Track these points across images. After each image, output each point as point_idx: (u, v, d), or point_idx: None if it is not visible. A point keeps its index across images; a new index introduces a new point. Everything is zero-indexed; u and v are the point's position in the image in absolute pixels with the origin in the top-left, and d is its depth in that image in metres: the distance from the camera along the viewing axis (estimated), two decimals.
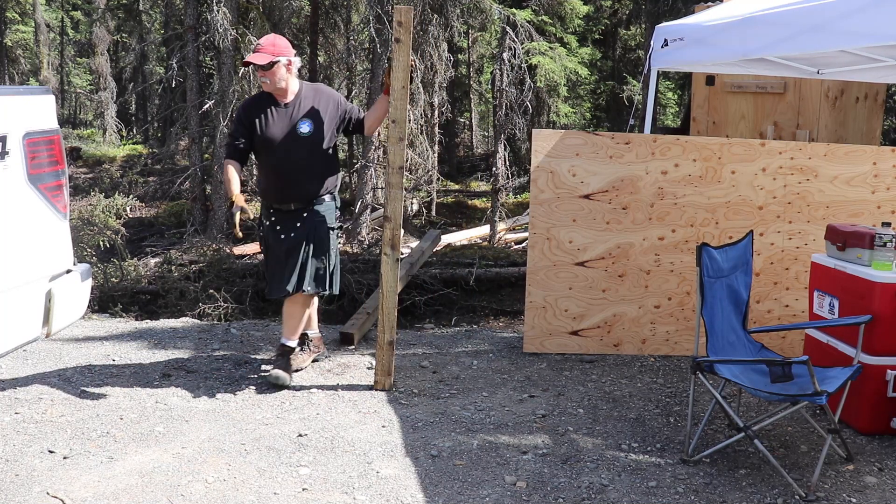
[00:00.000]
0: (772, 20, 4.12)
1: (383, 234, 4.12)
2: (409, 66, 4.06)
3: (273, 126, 4.12)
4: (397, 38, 4.03)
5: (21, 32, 22.08)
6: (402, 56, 4.02)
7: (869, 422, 3.72)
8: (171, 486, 3.12)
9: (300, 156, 4.14)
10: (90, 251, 7.66)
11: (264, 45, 4.09)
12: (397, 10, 4.00)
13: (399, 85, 4.04)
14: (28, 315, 3.18)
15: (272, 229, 4.22)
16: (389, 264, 4.10)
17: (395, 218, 4.09)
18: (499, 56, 11.24)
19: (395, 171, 4.08)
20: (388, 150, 4.13)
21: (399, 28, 4.01)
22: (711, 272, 3.46)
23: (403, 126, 4.07)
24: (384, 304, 4.12)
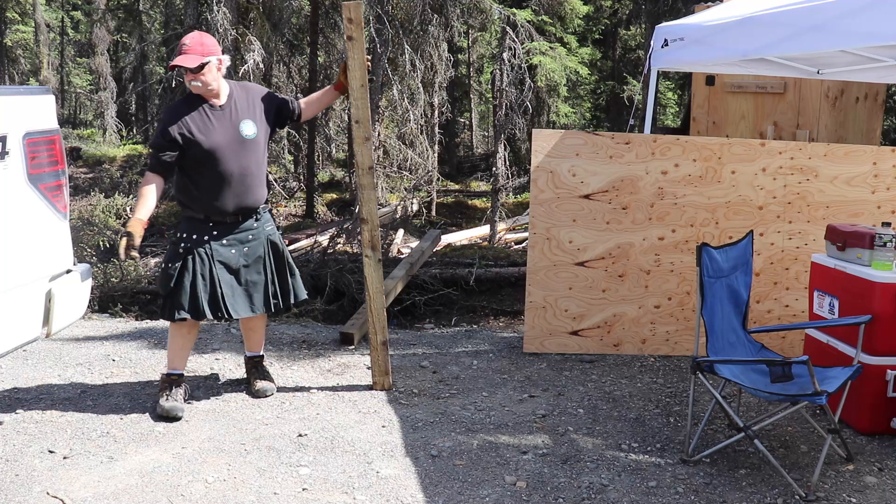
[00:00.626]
0: (772, 20, 4.12)
1: (362, 236, 4.06)
2: (365, 63, 3.95)
3: (215, 132, 3.72)
4: (349, 36, 3.92)
5: (21, 32, 22.08)
6: (356, 54, 3.92)
7: (869, 422, 3.72)
8: (171, 486, 3.12)
9: (248, 161, 3.81)
10: (90, 251, 7.67)
11: (191, 45, 3.69)
12: (346, 6, 3.88)
13: (358, 84, 3.96)
14: (28, 315, 3.18)
15: (212, 246, 3.79)
16: (372, 265, 4.08)
17: (372, 219, 4.04)
18: (499, 56, 11.24)
19: (365, 171, 4.00)
20: (355, 151, 4.02)
21: (350, 25, 3.90)
22: (711, 272, 3.46)
23: (368, 125, 4.01)
24: (372, 306, 4.11)
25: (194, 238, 3.78)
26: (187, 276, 3.73)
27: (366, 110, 3.99)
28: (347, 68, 3.96)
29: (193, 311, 3.75)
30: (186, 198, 3.81)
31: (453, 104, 18.38)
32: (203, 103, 3.78)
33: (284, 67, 12.88)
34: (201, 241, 3.78)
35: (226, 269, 3.82)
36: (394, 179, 12.54)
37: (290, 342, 5.11)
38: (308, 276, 7.42)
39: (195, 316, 3.76)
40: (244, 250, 3.88)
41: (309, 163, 13.01)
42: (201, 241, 3.78)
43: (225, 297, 3.80)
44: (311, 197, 13.22)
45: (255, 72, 10.15)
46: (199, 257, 3.76)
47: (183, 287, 3.73)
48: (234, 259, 3.85)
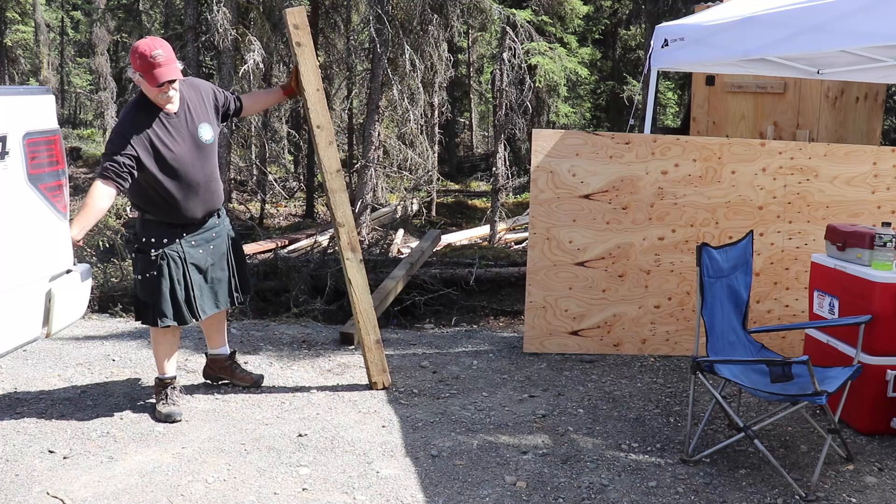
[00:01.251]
0: (772, 20, 4.13)
1: (340, 239, 4.04)
2: (317, 67, 3.93)
3: (177, 144, 3.61)
4: (298, 42, 3.86)
5: (21, 32, 22.07)
6: (307, 59, 3.88)
7: (869, 422, 3.72)
8: (171, 486, 3.12)
9: (210, 165, 3.76)
10: (90, 251, 7.66)
11: (167, 55, 3.51)
12: (289, 12, 3.81)
13: (313, 88, 3.93)
14: (28, 315, 3.18)
15: (183, 249, 3.73)
16: (355, 267, 4.07)
17: (347, 221, 4.03)
18: (499, 56, 11.24)
19: (333, 175, 3.99)
20: (320, 155, 3.96)
21: (297, 31, 3.85)
22: (711, 272, 3.46)
23: (330, 129, 3.99)
24: (359, 306, 4.10)
25: (164, 242, 3.69)
26: (165, 282, 3.68)
27: (326, 114, 3.95)
28: (300, 74, 3.90)
29: (177, 317, 3.72)
30: (151, 207, 3.69)
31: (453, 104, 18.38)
32: (158, 111, 3.61)
33: (284, 67, 12.88)
34: (172, 246, 3.71)
35: (196, 270, 3.79)
36: (394, 179, 12.55)
37: (290, 342, 5.11)
38: (308, 276, 7.43)
39: (179, 321, 3.73)
40: (210, 248, 3.85)
41: (309, 163, 13.01)
42: (172, 246, 3.71)
43: (195, 299, 3.76)
44: (311, 197, 13.23)
45: (255, 72, 10.15)
46: (174, 262, 3.70)
47: (163, 294, 3.68)
48: (202, 259, 3.81)
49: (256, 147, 13.02)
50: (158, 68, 3.47)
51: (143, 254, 3.70)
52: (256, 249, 9.41)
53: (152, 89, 3.52)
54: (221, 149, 10.23)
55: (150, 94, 3.56)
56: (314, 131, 3.96)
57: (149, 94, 3.56)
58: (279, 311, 6.65)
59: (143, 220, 3.75)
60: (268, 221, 12.70)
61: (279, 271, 7.72)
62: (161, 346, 3.87)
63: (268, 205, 13.15)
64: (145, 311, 3.76)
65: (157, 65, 3.47)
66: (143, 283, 3.69)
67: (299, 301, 6.79)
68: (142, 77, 3.51)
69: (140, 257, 3.70)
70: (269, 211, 13.19)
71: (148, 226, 3.72)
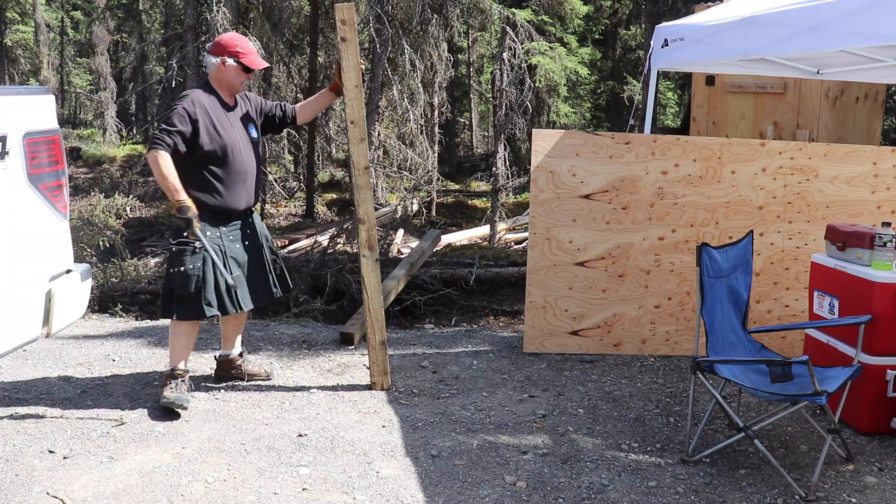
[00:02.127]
0: (771, 20, 4.13)
1: (358, 236, 4.07)
2: (359, 64, 4.00)
3: (231, 130, 3.87)
4: (343, 38, 3.95)
5: (21, 32, 22.07)
6: (350, 55, 3.96)
7: (869, 422, 3.72)
8: (171, 486, 3.12)
9: (254, 161, 3.99)
10: (90, 251, 7.66)
11: (251, 45, 3.95)
12: (339, 7, 3.91)
13: (352, 84, 3.99)
14: (28, 315, 3.18)
15: (224, 242, 3.87)
16: (370, 265, 4.08)
17: (368, 219, 4.06)
18: (499, 56, 11.24)
19: (361, 172, 4.02)
20: (350, 151, 4.03)
21: (343, 27, 3.94)
22: (711, 272, 3.46)
23: (363, 126, 4.03)
24: (370, 306, 4.11)
25: (207, 235, 3.80)
26: (210, 273, 3.80)
27: (361, 111, 4.00)
28: (342, 69, 4.00)
29: (220, 307, 3.86)
30: (203, 193, 3.81)
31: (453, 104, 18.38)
32: (219, 99, 3.90)
33: (284, 67, 12.88)
34: (214, 238, 3.84)
35: (236, 263, 3.92)
36: (394, 179, 12.55)
37: (290, 342, 5.11)
38: (308, 276, 7.42)
39: (222, 311, 3.88)
40: (245, 244, 3.99)
41: (309, 163, 13.01)
42: (214, 238, 3.84)
43: (237, 291, 3.89)
44: (311, 197, 13.22)
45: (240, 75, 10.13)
46: (217, 254, 3.82)
47: (208, 284, 3.81)
48: (240, 254, 3.95)
49: None
50: (254, 55, 3.92)
51: (184, 245, 3.78)
52: None
53: (241, 74, 3.90)
54: None
55: (235, 79, 3.90)
56: (348, 126, 4.03)
57: (233, 79, 3.90)
58: (279, 311, 6.65)
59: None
60: (268, 221, 12.70)
61: None
62: (179, 339, 3.95)
63: (268, 205, 13.15)
64: (182, 305, 3.83)
65: (252, 52, 3.92)
66: (183, 276, 3.76)
67: (299, 301, 6.79)
68: (236, 62, 3.87)
69: (180, 250, 3.78)
70: (269, 211, 13.19)
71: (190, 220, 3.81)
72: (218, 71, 3.90)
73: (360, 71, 4.02)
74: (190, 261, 3.74)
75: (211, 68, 3.93)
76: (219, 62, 3.88)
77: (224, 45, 3.90)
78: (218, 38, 3.97)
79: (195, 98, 3.81)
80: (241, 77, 3.92)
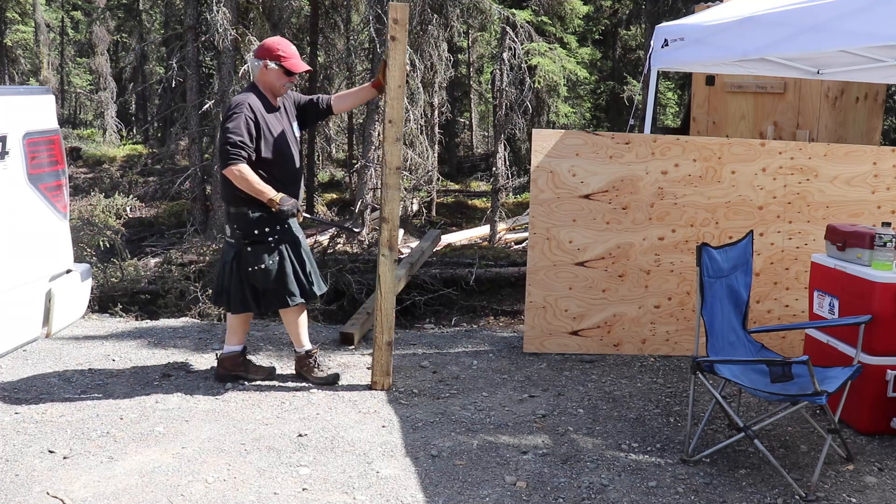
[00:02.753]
0: (771, 20, 4.13)
1: (380, 234, 4.10)
2: (405, 64, 4.04)
3: (282, 132, 4.06)
4: (393, 36, 3.99)
5: (21, 32, 22.06)
6: (398, 54, 4.00)
7: (869, 422, 3.72)
8: (171, 486, 3.12)
9: (299, 157, 4.19)
10: (90, 251, 7.66)
11: (293, 48, 4.07)
12: (393, 6, 3.96)
13: (395, 84, 4.02)
14: (28, 315, 3.18)
15: (290, 231, 4.11)
16: (387, 265, 4.09)
17: (393, 219, 4.07)
18: (499, 56, 11.24)
19: (393, 171, 4.05)
20: (385, 150, 4.06)
21: (395, 25, 3.97)
22: (711, 272, 3.46)
23: (400, 126, 4.05)
24: (382, 305, 4.11)
25: (279, 229, 4.03)
26: (288, 264, 4.05)
27: (400, 110, 4.05)
28: (387, 67, 4.04)
29: (304, 294, 4.12)
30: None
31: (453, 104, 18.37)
32: (267, 102, 4.04)
33: None
34: (286, 231, 4.07)
35: (304, 253, 4.17)
36: None
37: (290, 342, 5.10)
38: None
39: (306, 297, 4.15)
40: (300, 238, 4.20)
41: (309, 163, 13.00)
42: (286, 231, 4.07)
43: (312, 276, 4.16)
44: (311, 197, 13.21)
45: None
46: (292, 245, 4.07)
47: (289, 275, 4.05)
48: (304, 243, 4.21)
49: None
50: (295, 59, 4.03)
51: (260, 244, 4.00)
52: None
53: (283, 77, 4.02)
54: None
55: (278, 82, 4.03)
56: (385, 125, 4.07)
57: (275, 81, 4.03)
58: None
59: (250, 215, 3.99)
60: None
61: None
62: (294, 325, 4.24)
63: None
64: (267, 298, 4.10)
65: (294, 55, 4.03)
66: (265, 272, 4.01)
67: None
68: (278, 65, 3.99)
69: (258, 248, 4.00)
70: None
71: (258, 219, 3.99)
72: (261, 74, 4.03)
73: (405, 72, 4.07)
74: (269, 258, 4.00)
75: (255, 71, 4.06)
76: (261, 65, 4.01)
77: (267, 48, 4.03)
78: (262, 42, 4.11)
79: (250, 104, 3.94)
80: (283, 80, 4.03)
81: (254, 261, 4.00)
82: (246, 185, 3.86)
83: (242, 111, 3.88)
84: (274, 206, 3.90)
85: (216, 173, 10.34)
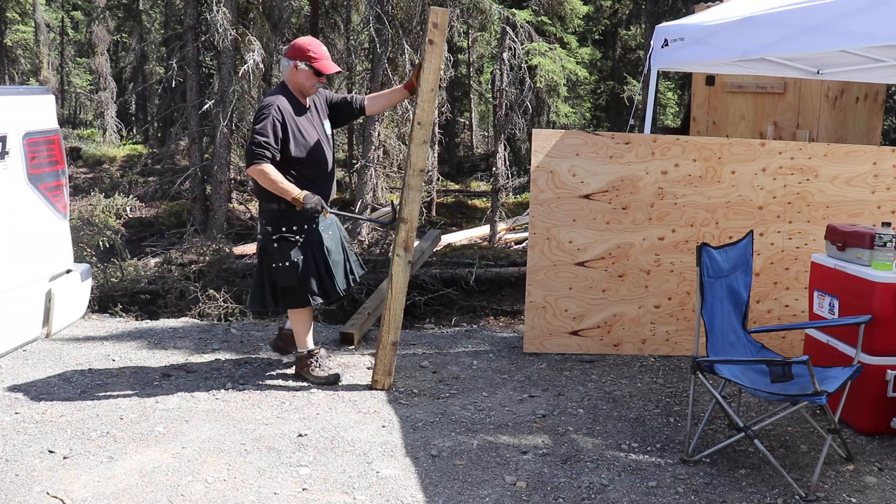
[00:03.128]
0: (771, 20, 4.13)
1: (397, 234, 4.11)
2: (440, 69, 4.08)
3: (313, 131, 4.10)
4: (431, 40, 4.04)
5: (21, 32, 22.06)
6: (434, 58, 4.04)
7: (869, 422, 3.72)
8: (171, 486, 3.12)
9: (331, 156, 4.22)
10: (90, 251, 7.66)
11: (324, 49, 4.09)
12: (434, 11, 4.02)
13: (428, 87, 4.06)
14: (28, 315, 3.18)
15: (317, 231, 4.14)
16: (401, 265, 4.11)
17: (411, 220, 4.10)
18: (499, 56, 11.23)
19: (416, 173, 4.07)
20: (410, 151, 4.07)
21: (434, 30, 4.03)
22: (711, 272, 3.46)
23: (429, 128, 4.09)
24: (392, 305, 4.12)
25: (305, 229, 4.08)
26: (311, 264, 4.09)
27: (431, 114, 4.08)
28: (422, 70, 4.05)
29: (323, 295, 4.15)
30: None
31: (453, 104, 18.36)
32: (297, 103, 4.08)
33: None
34: (311, 231, 4.10)
35: (330, 252, 4.18)
36: (394, 179, 12.53)
37: None
38: None
39: (325, 298, 4.17)
40: (329, 234, 4.22)
41: None
42: (311, 231, 4.10)
43: (334, 277, 4.17)
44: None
45: (254, 72, 10.14)
46: (315, 245, 4.10)
47: (311, 274, 4.09)
48: (331, 242, 4.21)
49: None
50: (326, 60, 4.06)
51: (286, 241, 4.07)
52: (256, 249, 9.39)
53: (313, 77, 4.06)
54: (221, 149, 10.23)
55: (307, 82, 4.06)
56: (413, 126, 4.08)
57: (305, 82, 4.06)
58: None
59: (279, 211, 4.06)
60: None
61: None
62: (302, 324, 4.27)
63: None
64: (287, 296, 4.14)
65: (324, 57, 4.06)
66: (289, 270, 4.05)
67: None
68: (308, 66, 4.03)
69: (283, 245, 4.06)
70: None
71: (286, 216, 4.05)
72: (291, 73, 4.06)
73: (439, 76, 4.09)
74: (294, 255, 4.04)
75: (285, 71, 4.09)
76: (291, 65, 4.04)
77: (298, 48, 4.05)
78: (294, 41, 4.12)
79: (280, 105, 3.98)
80: (313, 80, 4.07)
81: (279, 257, 4.06)
82: (270, 183, 3.92)
83: (270, 112, 3.94)
84: (298, 204, 3.94)
85: (216, 173, 10.37)
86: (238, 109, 10.53)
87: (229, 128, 10.26)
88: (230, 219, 11.03)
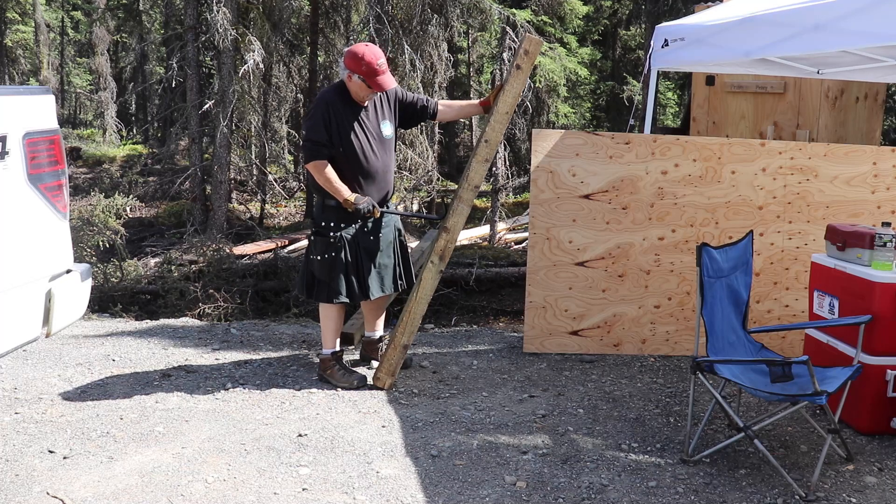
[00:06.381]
0: (772, 20, 4.13)
1: (437, 242, 4.14)
2: (520, 94, 4.14)
3: (364, 134, 4.08)
4: (518, 65, 4.13)
5: (21, 32, 22.06)
6: (517, 83, 4.11)
7: (869, 422, 3.72)
8: (171, 486, 3.12)
9: (388, 158, 4.19)
10: (90, 251, 7.66)
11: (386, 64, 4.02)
12: (529, 39, 4.12)
13: (504, 109, 4.13)
14: (28, 315, 3.17)
15: (358, 233, 4.14)
16: (433, 273, 4.15)
17: (454, 231, 4.14)
18: (499, 56, 11.23)
19: (472, 188, 4.13)
20: (471, 167, 4.13)
21: (524, 56, 4.12)
22: (711, 272, 3.46)
23: (494, 149, 4.17)
24: (413, 309, 4.16)
25: (342, 227, 4.10)
26: (341, 263, 4.10)
27: (500, 134, 4.16)
28: (502, 91, 4.11)
29: (349, 295, 4.14)
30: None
31: None
32: (352, 103, 4.07)
33: (284, 67, 12.88)
34: (348, 230, 4.11)
35: (367, 254, 4.17)
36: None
37: (290, 342, 5.10)
38: None
39: (351, 299, 4.15)
40: (379, 236, 4.21)
41: None
42: (348, 230, 4.11)
43: (366, 280, 4.16)
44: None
45: (254, 72, 10.14)
46: (349, 244, 4.10)
47: (338, 273, 4.10)
48: (373, 245, 4.19)
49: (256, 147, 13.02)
50: (383, 75, 3.98)
51: (322, 236, 4.12)
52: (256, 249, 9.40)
53: (366, 90, 4.01)
54: (221, 149, 10.23)
55: (361, 92, 4.03)
56: (480, 143, 4.14)
57: (359, 91, 4.03)
58: (279, 311, 6.65)
59: (323, 205, 4.14)
60: (268, 221, 12.70)
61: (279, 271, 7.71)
62: (330, 322, 4.28)
63: (268, 205, 13.15)
64: (318, 288, 4.18)
65: (382, 72, 3.97)
66: (322, 263, 4.11)
67: (299, 301, 6.79)
68: (362, 79, 3.97)
69: (319, 239, 4.13)
70: (269, 211, 13.19)
71: (328, 211, 4.11)
72: (347, 78, 4.05)
73: (518, 100, 4.16)
74: (327, 251, 4.08)
75: (342, 74, 4.08)
76: (346, 75, 4.03)
77: (353, 59, 3.96)
78: (353, 49, 4.00)
79: (329, 102, 4.02)
80: (366, 92, 4.03)
81: (314, 250, 4.15)
82: (325, 181, 3.99)
83: (319, 109, 4.01)
84: (349, 206, 4.00)
85: (216, 173, 10.36)
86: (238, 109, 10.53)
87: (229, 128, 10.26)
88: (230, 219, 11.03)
